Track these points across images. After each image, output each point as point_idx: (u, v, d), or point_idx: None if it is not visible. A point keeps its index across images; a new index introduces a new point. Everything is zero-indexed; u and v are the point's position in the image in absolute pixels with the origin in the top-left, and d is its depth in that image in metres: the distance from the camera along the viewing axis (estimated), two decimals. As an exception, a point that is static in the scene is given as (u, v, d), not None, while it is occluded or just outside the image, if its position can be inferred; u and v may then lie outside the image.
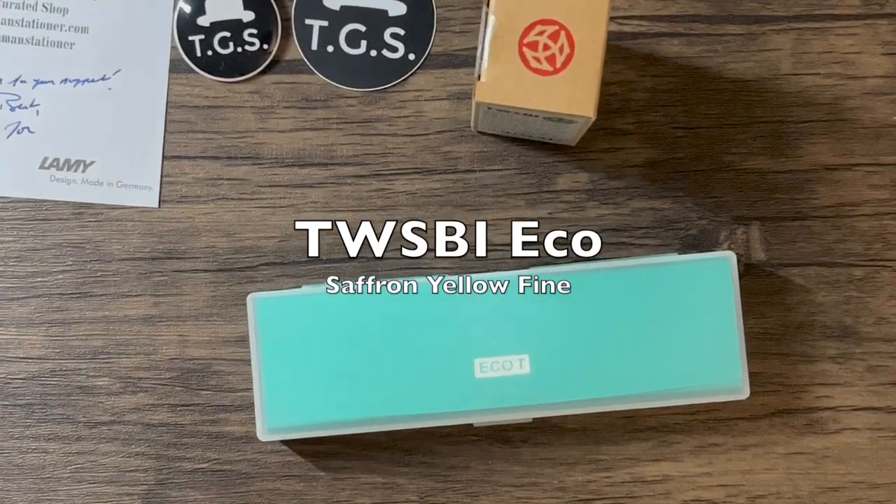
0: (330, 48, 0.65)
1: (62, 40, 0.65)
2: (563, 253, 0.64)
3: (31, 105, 0.65)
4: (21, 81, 0.65)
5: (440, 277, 0.61)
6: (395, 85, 0.65)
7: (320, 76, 0.65)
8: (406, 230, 0.65)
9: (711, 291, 0.61)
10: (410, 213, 0.65)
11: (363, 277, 0.62)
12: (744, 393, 0.61)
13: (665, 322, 0.60)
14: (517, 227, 0.65)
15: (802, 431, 0.64)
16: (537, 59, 0.57)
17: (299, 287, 0.62)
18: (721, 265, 0.61)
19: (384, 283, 0.61)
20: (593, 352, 0.60)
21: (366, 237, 0.65)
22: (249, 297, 0.61)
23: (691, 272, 0.61)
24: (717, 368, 0.60)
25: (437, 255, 0.64)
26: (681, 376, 0.60)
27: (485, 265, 0.64)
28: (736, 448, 0.64)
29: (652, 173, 0.65)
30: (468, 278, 0.61)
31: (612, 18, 0.65)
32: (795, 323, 0.64)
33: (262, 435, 0.60)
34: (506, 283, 0.60)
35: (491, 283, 0.60)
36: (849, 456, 0.64)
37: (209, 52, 0.65)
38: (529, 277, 0.60)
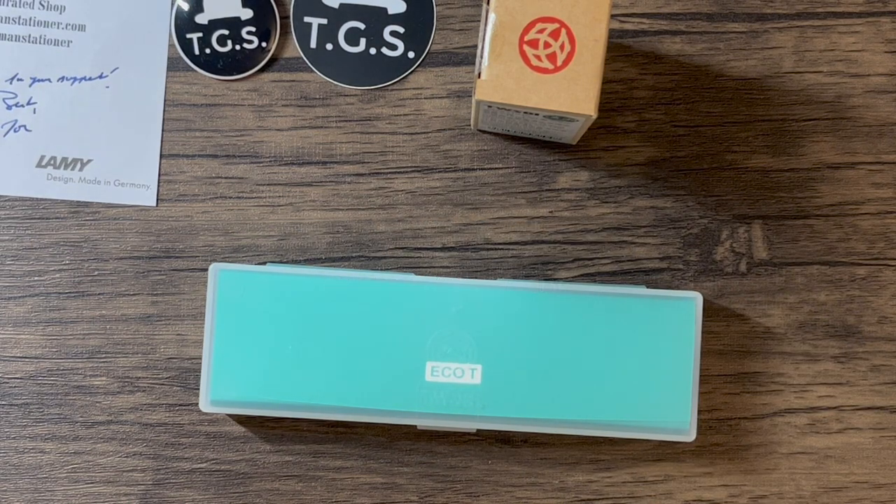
0: (329, 46, 0.65)
1: (59, 38, 0.65)
2: (564, 252, 0.64)
3: (28, 103, 0.65)
4: (18, 80, 0.65)
5: (407, 276, 0.61)
6: (394, 83, 0.65)
7: (319, 74, 0.65)
8: (406, 229, 0.64)
9: (674, 330, 0.61)
10: (410, 212, 0.65)
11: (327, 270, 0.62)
12: (691, 435, 0.61)
13: (623, 354, 0.61)
14: (518, 225, 0.64)
15: (805, 431, 0.64)
16: (538, 57, 0.57)
17: (264, 265, 0.62)
18: (686, 305, 0.61)
19: (352, 274, 0.61)
20: (546, 373, 0.61)
21: (366, 236, 0.64)
22: (212, 267, 0.61)
23: (656, 308, 0.61)
24: (668, 407, 0.61)
25: (438, 254, 0.64)
26: (630, 409, 0.61)
27: (485, 265, 0.64)
28: (738, 448, 0.64)
29: (653, 172, 0.65)
30: (434, 282, 0.61)
31: (613, 16, 0.65)
32: (798, 322, 0.64)
33: (205, 406, 0.61)
34: (473, 291, 0.61)
35: (457, 288, 0.61)
36: (852, 456, 0.64)
37: (207, 50, 0.65)
38: (497, 289, 0.61)
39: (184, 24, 0.65)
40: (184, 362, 0.64)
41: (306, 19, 0.65)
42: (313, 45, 0.65)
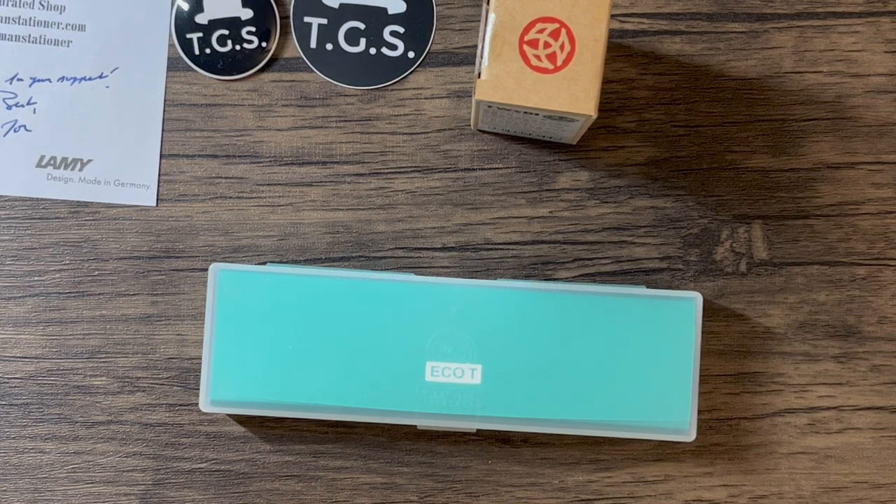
0: (329, 46, 0.65)
1: (59, 38, 0.65)
2: (564, 252, 0.64)
3: (28, 103, 0.64)
4: (18, 80, 0.65)
5: (407, 276, 0.61)
6: (394, 83, 0.65)
7: (319, 74, 0.65)
8: (406, 229, 0.64)
9: (674, 330, 0.61)
10: (410, 212, 0.65)
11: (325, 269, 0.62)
12: (691, 435, 0.61)
13: (623, 354, 0.61)
14: (518, 225, 0.64)
15: (805, 431, 0.64)
16: (538, 57, 0.57)
17: (264, 265, 0.62)
18: (686, 305, 0.61)
19: (352, 274, 0.61)
20: (546, 373, 0.61)
21: (366, 236, 0.64)
22: (212, 267, 0.61)
23: (656, 309, 0.61)
24: (668, 407, 0.61)
25: (437, 254, 0.64)
26: (630, 409, 0.61)
27: (485, 265, 0.64)
28: (738, 448, 0.64)
29: (653, 172, 0.65)
30: (434, 282, 0.61)
31: (613, 16, 0.65)
32: (798, 322, 0.64)
33: (205, 406, 0.61)
34: (473, 291, 0.61)
35: (457, 288, 0.61)
36: (851, 456, 0.64)
37: (207, 50, 0.65)
38: (497, 289, 0.61)
39: (184, 24, 0.65)
40: (184, 362, 0.64)
41: (306, 19, 0.65)
42: (313, 45, 0.65)
